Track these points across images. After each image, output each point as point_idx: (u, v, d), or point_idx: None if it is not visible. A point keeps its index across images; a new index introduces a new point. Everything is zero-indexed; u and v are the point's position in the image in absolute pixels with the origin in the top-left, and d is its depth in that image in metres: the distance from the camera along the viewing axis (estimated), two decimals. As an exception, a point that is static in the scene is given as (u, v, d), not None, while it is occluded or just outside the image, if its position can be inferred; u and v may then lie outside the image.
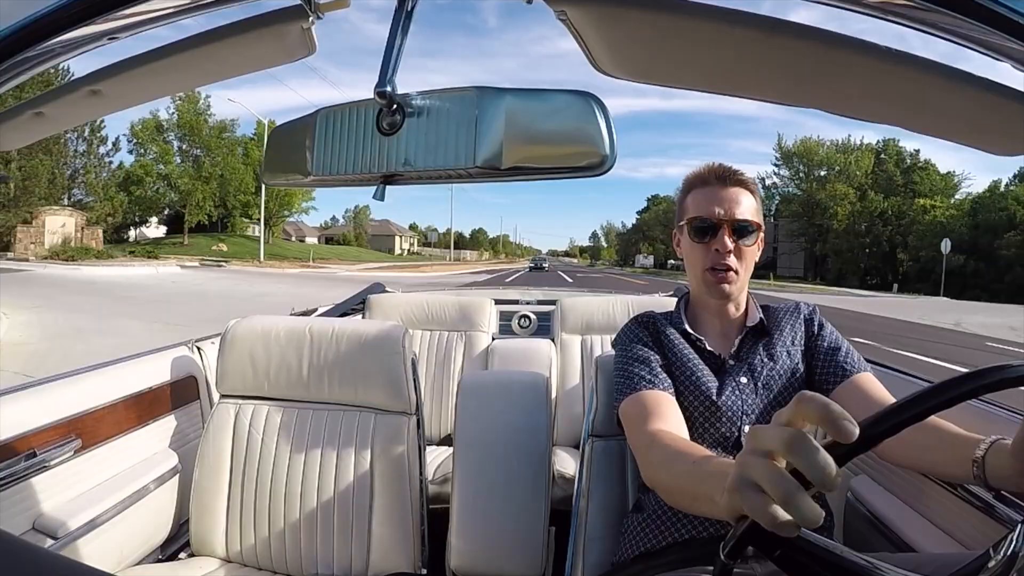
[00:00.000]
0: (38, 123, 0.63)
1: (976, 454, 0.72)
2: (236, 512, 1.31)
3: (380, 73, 0.48)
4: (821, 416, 0.41)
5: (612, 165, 0.47)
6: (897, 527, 1.17)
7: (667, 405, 0.97)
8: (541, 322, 2.54)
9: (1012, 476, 0.66)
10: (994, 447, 0.71)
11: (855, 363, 1.04)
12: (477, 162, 0.48)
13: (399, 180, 0.53)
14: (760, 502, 0.41)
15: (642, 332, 1.11)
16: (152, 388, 1.45)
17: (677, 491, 0.73)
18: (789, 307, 1.15)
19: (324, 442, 1.30)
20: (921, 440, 0.84)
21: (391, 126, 0.51)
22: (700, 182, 1.08)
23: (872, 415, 0.46)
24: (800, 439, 0.40)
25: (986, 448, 0.72)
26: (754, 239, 1.06)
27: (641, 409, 0.96)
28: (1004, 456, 0.67)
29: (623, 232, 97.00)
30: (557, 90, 0.48)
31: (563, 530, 1.29)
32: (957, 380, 0.51)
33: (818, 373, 1.06)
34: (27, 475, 1.11)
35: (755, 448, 0.44)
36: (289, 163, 0.58)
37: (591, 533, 1.16)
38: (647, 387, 1.00)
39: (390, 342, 1.31)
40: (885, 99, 0.49)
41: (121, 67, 0.57)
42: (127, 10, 0.48)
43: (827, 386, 1.04)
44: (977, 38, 0.40)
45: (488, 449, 1.31)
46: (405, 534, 1.26)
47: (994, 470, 0.70)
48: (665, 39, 0.48)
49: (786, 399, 1.02)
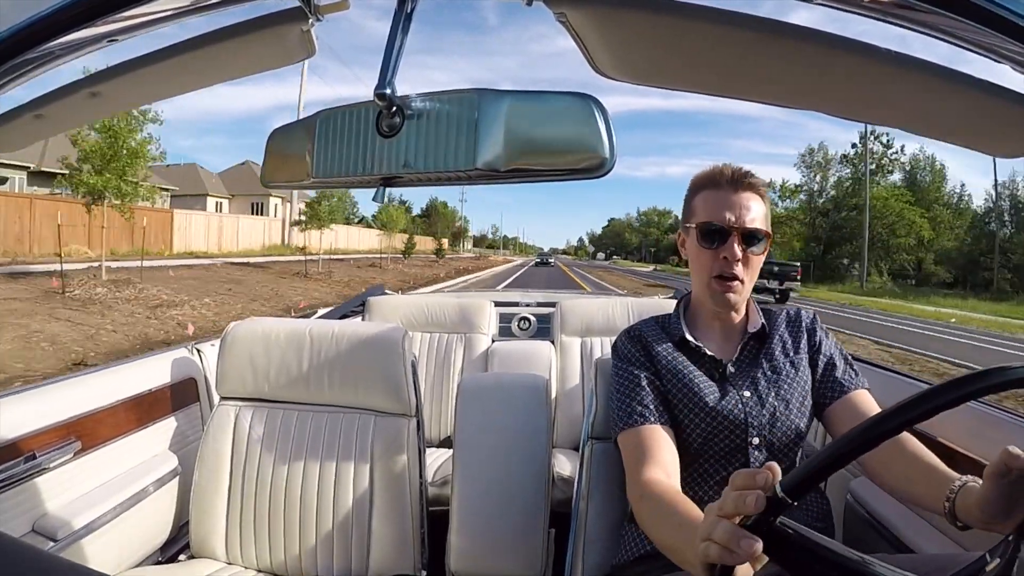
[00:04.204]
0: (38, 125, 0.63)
1: (948, 493, 0.74)
2: (236, 514, 1.31)
3: (380, 75, 0.48)
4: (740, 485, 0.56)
5: (612, 167, 0.46)
6: (896, 528, 1.17)
7: (660, 442, 0.98)
8: (541, 324, 2.54)
9: (977, 522, 0.69)
10: (963, 489, 0.73)
11: (852, 379, 1.04)
12: (477, 164, 0.48)
13: (399, 182, 0.53)
14: (715, 550, 0.55)
15: (635, 349, 1.10)
16: (152, 390, 1.45)
17: (662, 545, 0.83)
18: (790, 314, 1.14)
19: (324, 444, 1.30)
20: (902, 470, 0.87)
21: (391, 128, 0.51)
22: (711, 184, 1.06)
23: (790, 474, 0.55)
24: (717, 522, 0.56)
25: (957, 488, 0.74)
26: (763, 247, 1.04)
27: (634, 448, 0.99)
28: (972, 498, 0.69)
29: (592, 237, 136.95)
30: (557, 92, 0.48)
31: (563, 532, 1.29)
32: (859, 431, 0.55)
33: (816, 388, 1.05)
34: (27, 477, 1.11)
35: (711, 511, 0.58)
36: (289, 165, 0.58)
37: (591, 535, 1.16)
38: (641, 422, 1.01)
39: (390, 344, 1.31)
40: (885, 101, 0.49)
41: (121, 69, 0.57)
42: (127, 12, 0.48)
43: (824, 400, 1.04)
44: (977, 40, 0.40)
45: (488, 451, 1.30)
46: (405, 536, 1.26)
47: (962, 511, 0.72)
48: (665, 42, 0.48)
49: (794, 409, 1.02)
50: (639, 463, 0.96)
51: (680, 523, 0.78)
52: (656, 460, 0.95)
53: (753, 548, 0.52)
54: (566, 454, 1.97)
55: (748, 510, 0.53)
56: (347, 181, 0.54)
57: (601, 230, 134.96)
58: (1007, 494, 0.62)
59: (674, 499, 0.86)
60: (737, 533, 0.53)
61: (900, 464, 0.87)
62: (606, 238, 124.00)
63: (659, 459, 0.96)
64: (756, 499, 0.53)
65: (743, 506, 0.53)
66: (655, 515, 0.87)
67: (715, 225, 1.02)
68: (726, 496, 0.56)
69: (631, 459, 0.99)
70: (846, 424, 0.99)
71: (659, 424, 1.00)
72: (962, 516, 0.72)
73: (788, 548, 0.53)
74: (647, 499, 0.90)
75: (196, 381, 1.60)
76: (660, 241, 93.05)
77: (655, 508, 0.87)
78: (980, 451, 1.05)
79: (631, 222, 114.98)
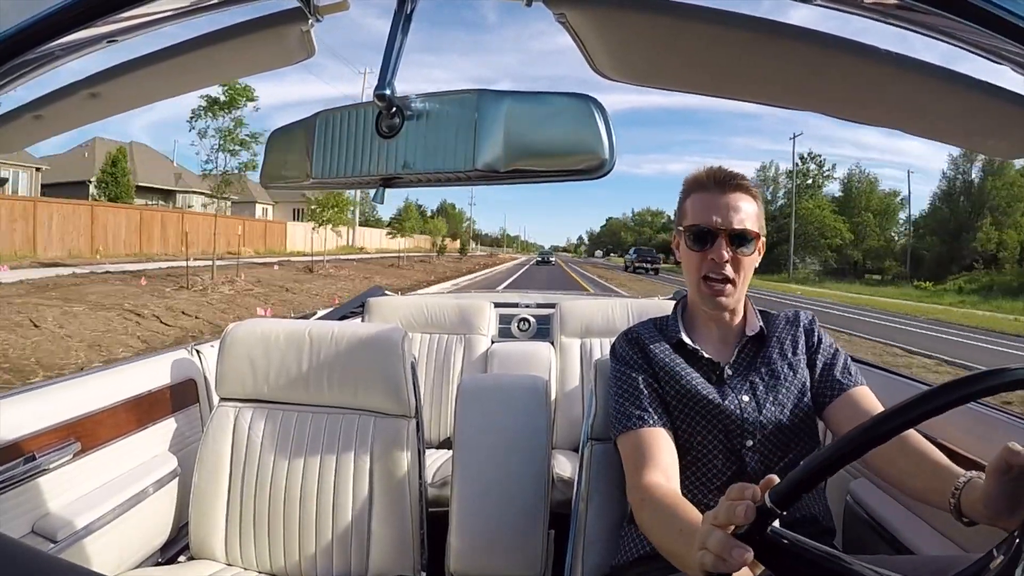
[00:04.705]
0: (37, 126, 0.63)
1: (954, 489, 0.74)
2: (236, 516, 1.30)
3: (379, 76, 0.48)
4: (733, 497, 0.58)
5: (611, 168, 0.46)
6: (896, 530, 1.16)
7: (659, 444, 0.99)
8: (540, 325, 2.54)
9: (982, 518, 0.69)
10: (968, 485, 0.73)
11: (851, 377, 1.04)
12: (477, 165, 0.48)
13: (398, 183, 0.53)
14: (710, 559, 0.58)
15: (632, 352, 1.10)
16: (151, 391, 1.44)
17: (664, 551, 0.85)
18: (789, 316, 1.13)
19: (323, 446, 1.30)
20: (905, 465, 0.87)
21: (390, 129, 0.51)
22: (699, 186, 1.06)
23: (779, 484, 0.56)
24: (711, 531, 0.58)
25: (963, 484, 0.74)
26: (753, 247, 1.04)
27: (633, 451, 1.00)
28: (976, 494, 0.69)
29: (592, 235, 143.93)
30: (557, 93, 0.48)
31: (562, 533, 1.29)
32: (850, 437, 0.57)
33: (815, 387, 1.05)
34: (26, 478, 1.11)
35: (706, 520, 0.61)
36: (288, 166, 0.58)
37: (590, 536, 1.16)
38: (640, 424, 1.01)
39: (389, 345, 1.30)
40: (885, 102, 0.49)
41: (120, 70, 0.57)
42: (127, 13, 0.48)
43: (823, 400, 1.04)
44: (976, 41, 0.40)
45: (488, 452, 1.30)
46: (404, 537, 1.26)
47: (967, 507, 0.72)
48: (664, 43, 0.48)
49: (791, 412, 1.02)
50: (639, 466, 0.96)
51: (681, 529, 0.79)
52: (655, 463, 0.96)
53: (744, 557, 0.55)
54: (566, 455, 1.97)
55: (738, 520, 0.56)
56: (347, 182, 0.55)
57: (600, 228, 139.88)
58: (1010, 491, 0.62)
59: (675, 503, 0.86)
60: (729, 543, 0.56)
61: (904, 461, 0.86)
62: (604, 236, 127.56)
63: (658, 462, 0.96)
64: (746, 510, 0.55)
65: (734, 516, 0.56)
66: (656, 520, 0.88)
67: (703, 227, 1.03)
68: (720, 506, 0.59)
69: (630, 462, 1.00)
70: (847, 422, 0.99)
71: (657, 426, 1.01)
72: (968, 512, 0.72)
73: (781, 555, 0.55)
74: (648, 503, 0.91)
75: (196, 382, 1.60)
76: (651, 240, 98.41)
77: (656, 513, 0.88)
78: (980, 452, 1.05)
79: (627, 221, 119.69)
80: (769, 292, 25.64)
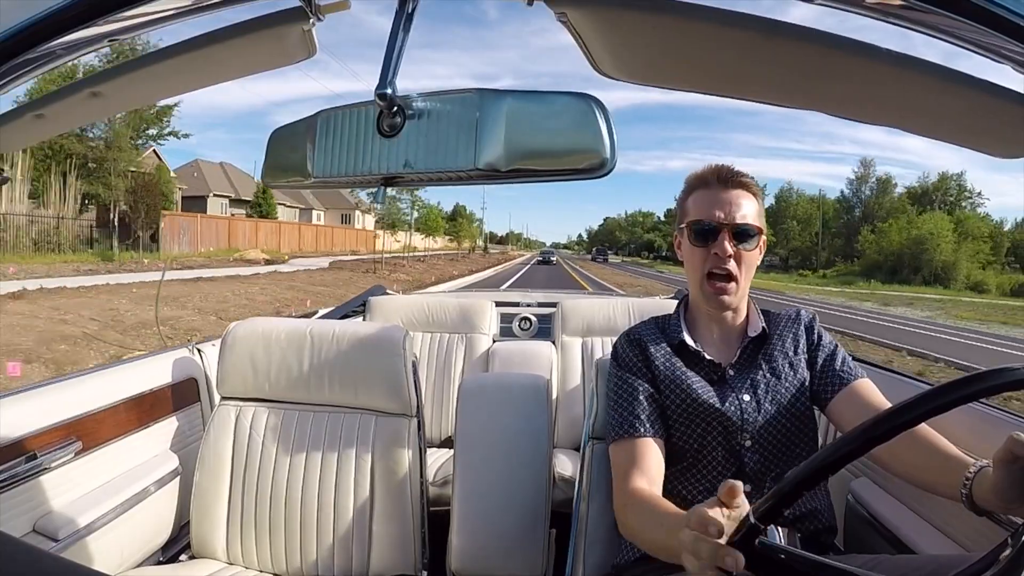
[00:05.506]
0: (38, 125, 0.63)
1: (964, 479, 0.74)
2: (237, 514, 1.31)
3: (380, 75, 0.48)
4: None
5: (612, 167, 0.46)
6: (897, 529, 1.16)
7: (649, 454, 1.00)
8: (542, 324, 2.54)
9: (995, 508, 0.69)
10: (980, 475, 0.73)
11: (851, 370, 1.04)
12: (478, 164, 0.48)
13: (399, 182, 0.53)
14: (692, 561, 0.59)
15: (633, 355, 1.10)
16: (152, 390, 1.45)
17: (650, 547, 0.87)
18: (791, 314, 1.13)
19: (325, 444, 1.30)
20: (913, 458, 0.87)
21: (391, 128, 0.51)
22: (701, 183, 1.07)
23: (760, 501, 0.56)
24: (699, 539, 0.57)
25: (973, 473, 0.74)
26: (755, 243, 1.04)
27: (624, 459, 1.01)
28: (987, 484, 0.69)
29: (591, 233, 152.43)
30: (558, 92, 0.48)
31: (563, 532, 1.29)
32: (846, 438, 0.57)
33: (817, 383, 1.05)
34: (28, 477, 1.11)
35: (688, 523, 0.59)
36: (289, 165, 0.58)
37: (591, 535, 1.16)
38: (633, 433, 1.02)
39: (390, 344, 1.31)
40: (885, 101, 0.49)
41: (122, 69, 0.57)
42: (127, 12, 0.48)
43: (825, 395, 1.03)
44: (977, 40, 0.40)
45: (489, 451, 1.30)
46: (406, 536, 1.26)
47: (979, 497, 0.72)
48: (666, 41, 0.48)
49: (790, 412, 1.02)
50: (627, 475, 0.97)
51: (661, 521, 0.81)
52: (642, 471, 0.97)
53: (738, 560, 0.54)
54: (567, 454, 1.97)
55: (702, 555, 0.56)
56: (348, 181, 0.55)
57: (598, 227, 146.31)
58: (1018, 481, 0.62)
59: (655, 501, 0.88)
60: (721, 551, 0.55)
61: (913, 452, 0.86)
62: (601, 235, 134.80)
63: (645, 470, 0.97)
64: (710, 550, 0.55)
65: (698, 551, 0.56)
66: (638, 519, 0.90)
67: (706, 222, 1.03)
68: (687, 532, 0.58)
69: (620, 470, 1.01)
70: (849, 415, 0.99)
71: (650, 436, 1.02)
72: (980, 502, 0.72)
73: (772, 569, 0.54)
74: (630, 507, 0.93)
75: (197, 381, 1.60)
76: (640, 239, 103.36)
77: (638, 513, 0.90)
78: (981, 452, 1.05)
79: (621, 222, 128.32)
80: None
